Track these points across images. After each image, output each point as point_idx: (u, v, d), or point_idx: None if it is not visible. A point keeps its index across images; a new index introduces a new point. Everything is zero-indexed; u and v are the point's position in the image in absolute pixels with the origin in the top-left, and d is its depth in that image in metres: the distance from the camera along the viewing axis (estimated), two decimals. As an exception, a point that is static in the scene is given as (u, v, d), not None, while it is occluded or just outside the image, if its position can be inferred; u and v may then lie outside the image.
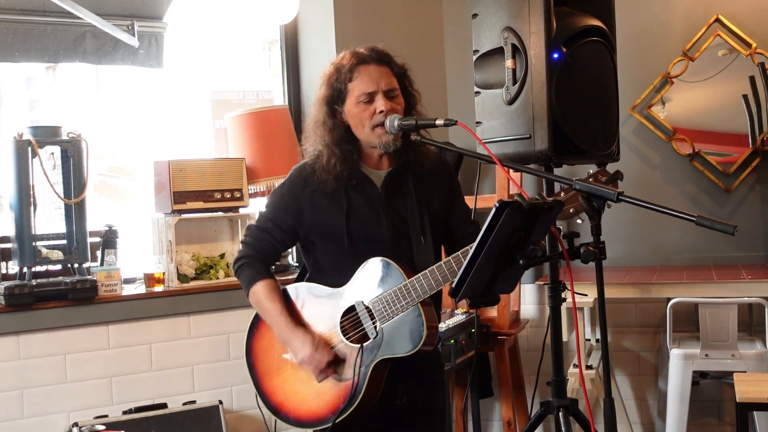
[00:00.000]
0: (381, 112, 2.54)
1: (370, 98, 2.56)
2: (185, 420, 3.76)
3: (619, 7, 3.34)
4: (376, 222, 2.59)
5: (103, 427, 1.78)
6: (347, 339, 2.56)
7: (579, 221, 2.60)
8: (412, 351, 2.50)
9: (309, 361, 2.53)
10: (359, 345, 2.53)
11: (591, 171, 2.56)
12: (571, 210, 2.60)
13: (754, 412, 3.47)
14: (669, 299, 3.72)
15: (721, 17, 4.25)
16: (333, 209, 2.61)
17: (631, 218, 4.34)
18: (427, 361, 2.76)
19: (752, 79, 4.18)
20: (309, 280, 2.70)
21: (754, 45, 4.19)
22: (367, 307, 2.54)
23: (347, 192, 2.60)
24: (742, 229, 2.32)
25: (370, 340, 2.53)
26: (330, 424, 2.51)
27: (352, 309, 2.56)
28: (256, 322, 2.74)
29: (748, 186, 4.28)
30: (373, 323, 2.53)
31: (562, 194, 2.61)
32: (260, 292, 2.61)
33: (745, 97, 4.21)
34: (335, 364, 2.56)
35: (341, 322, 2.57)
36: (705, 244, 4.32)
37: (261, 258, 2.68)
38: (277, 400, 2.65)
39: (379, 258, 2.54)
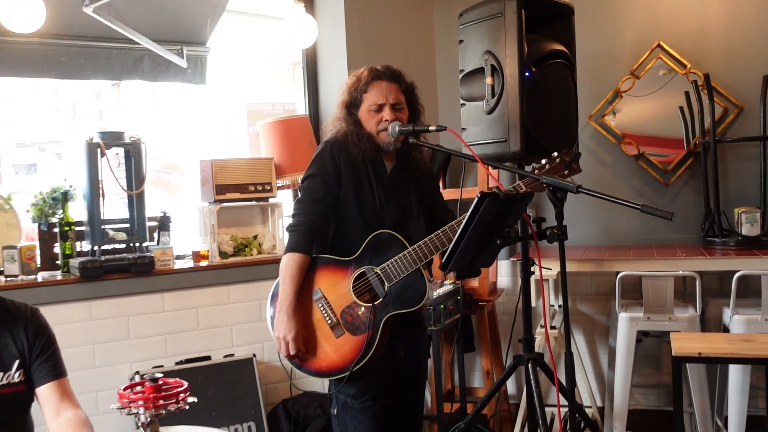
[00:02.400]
0: (386, 120, 2.56)
1: (380, 108, 2.58)
2: (225, 370, 3.78)
3: (579, 35, 3.34)
4: (385, 201, 2.61)
5: (161, 375, 1.78)
6: (360, 300, 2.56)
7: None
8: (419, 305, 2.53)
9: (281, 339, 2.53)
10: (371, 304, 2.54)
11: (556, 153, 2.58)
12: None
13: (687, 364, 3.48)
14: (618, 273, 3.73)
15: (662, 43, 4.25)
16: (360, 181, 2.61)
17: (588, 207, 4.35)
18: (417, 323, 2.80)
19: (687, 93, 4.17)
20: (324, 253, 2.68)
21: (688, 66, 4.18)
22: (376, 272, 2.55)
23: (370, 169, 2.61)
24: (678, 216, 2.34)
25: (380, 300, 2.54)
26: (348, 372, 2.51)
27: (363, 274, 2.57)
28: (274, 299, 2.70)
29: (683, 181, 4.28)
30: (382, 285, 2.54)
31: (523, 184, 2.62)
32: (292, 263, 2.56)
33: (681, 108, 4.21)
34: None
35: (354, 286, 2.58)
36: (648, 228, 4.33)
37: (314, 228, 2.60)
38: (301, 356, 2.61)
39: (385, 230, 2.56)
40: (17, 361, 2.22)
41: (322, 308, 2.59)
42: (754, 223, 3.86)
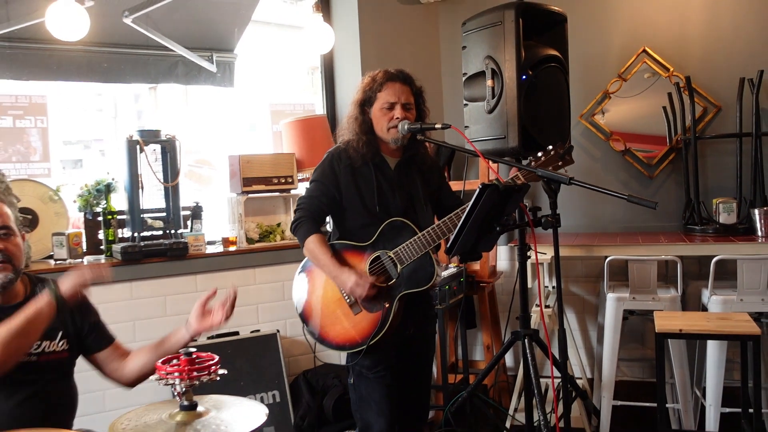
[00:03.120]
0: (397, 118, 2.55)
1: (391, 107, 2.58)
2: (252, 344, 3.79)
3: (571, 41, 3.32)
4: (391, 194, 2.61)
5: (194, 349, 1.80)
6: (375, 281, 2.56)
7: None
8: (428, 285, 2.54)
9: (356, 286, 2.50)
10: (386, 285, 2.54)
11: (551, 146, 2.57)
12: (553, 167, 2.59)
13: (668, 340, 3.47)
14: (606, 257, 3.72)
15: (647, 48, 4.21)
16: (361, 180, 2.61)
17: (579, 197, 4.33)
18: (426, 302, 2.79)
19: (670, 94, 4.14)
20: (339, 239, 2.69)
21: (671, 69, 4.15)
22: (389, 256, 2.55)
23: (372, 168, 2.61)
24: (661, 206, 2.33)
25: (394, 280, 2.55)
26: (366, 345, 2.53)
27: (377, 258, 2.57)
28: (301, 273, 2.72)
29: (666, 174, 4.25)
30: (395, 267, 2.54)
31: (542, 157, 2.60)
32: (313, 243, 2.58)
33: (664, 108, 4.17)
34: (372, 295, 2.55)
35: (369, 268, 2.58)
36: (633, 217, 4.30)
37: (313, 217, 2.63)
38: (323, 332, 2.63)
39: (396, 218, 2.56)
40: (60, 332, 2.24)
41: (341, 288, 2.60)
42: (731, 212, 3.84)
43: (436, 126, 2.55)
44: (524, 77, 3.08)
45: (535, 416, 3.38)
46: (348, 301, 2.58)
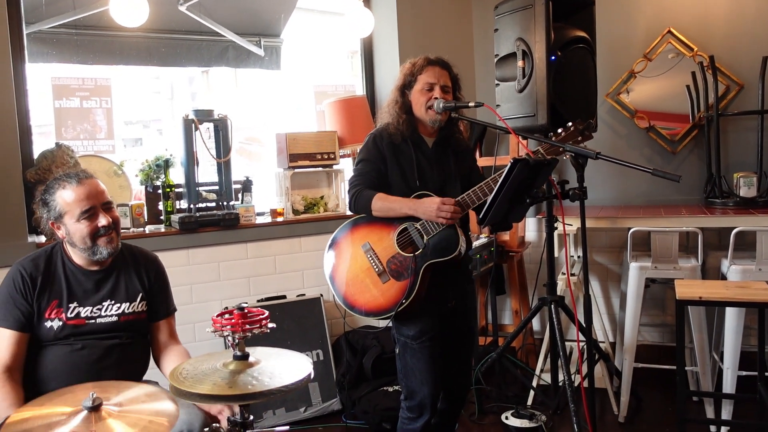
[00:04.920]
0: (435, 98, 2.54)
1: (431, 88, 2.56)
2: (297, 307, 3.84)
3: (599, 22, 3.27)
4: (429, 169, 2.60)
5: (246, 304, 1.84)
6: (403, 251, 2.56)
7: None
8: (452, 255, 2.51)
9: (440, 210, 2.44)
10: (413, 254, 2.55)
11: (571, 123, 2.53)
12: (577, 140, 2.55)
13: (688, 307, 3.42)
14: (629, 228, 3.67)
15: (672, 29, 4.10)
16: (402, 157, 2.60)
17: (606, 171, 4.27)
18: (465, 276, 2.78)
19: (693, 73, 4.04)
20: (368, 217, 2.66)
21: (695, 49, 4.04)
22: (416, 227, 2.54)
23: (411, 145, 2.60)
24: (683, 180, 2.29)
25: (420, 251, 2.54)
26: (394, 312, 2.52)
27: (405, 229, 2.56)
28: (329, 249, 2.70)
29: (688, 149, 4.17)
30: (422, 238, 2.54)
31: (563, 132, 2.56)
32: (379, 199, 2.54)
33: (687, 87, 4.07)
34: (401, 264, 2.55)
35: (397, 239, 2.58)
36: (656, 190, 4.24)
37: (368, 188, 2.58)
38: (353, 301, 2.61)
39: (424, 192, 2.55)
40: (140, 294, 2.31)
41: (370, 258, 2.59)
42: (751, 186, 3.75)
43: (470, 104, 2.53)
44: (553, 58, 3.04)
45: (560, 376, 3.39)
46: (376, 270, 2.57)
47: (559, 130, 2.55)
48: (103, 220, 2.18)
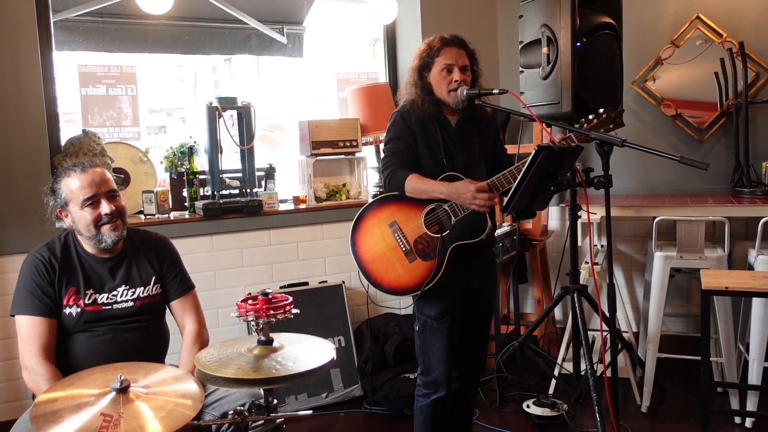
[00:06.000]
0: (456, 81, 2.52)
1: (450, 70, 2.54)
2: (319, 293, 3.87)
3: (625, 8, 3.22)
4: (454, 149, 2.59)
5: (270, 290, 1.85)
6: (430, 231, 2.56)
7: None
8: (480, 238, 2.50)
9: (474, 195, 2.41)
10: (440, 235, 2.55)
11: (602, 110, 2.49)
12: (602, 131, 2.52)
13: (714, 297, 3.38)
14: (654, 217, 3.63)
15: (700, 15, 4.03)
16: (429, 136, 2.58)
17: (631, 160, 4.22)
18: (489, 258, 2.78)
19: (722, 60, 3.96)
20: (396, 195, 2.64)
21: (724, 35, 3.96)
22: (444, 209, 2.54)
23: (436, 125, 2.59)
24: (710, 169, 2.26)
25: (447, 232, 2.53)
26: (420, 291, 2.52)
27: (433, 210, 2.56)
28: (356, 226, 2.70)
29: (715, 138, 4.10)
30: (450, 220, 2.54)
31: (594, 119, 2.52)
32: (412, 181, 2.52)
33: (716, 74, 4.01)
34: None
35: (425, 220, 2.58)
36: (682, 179, 4.18)
37: (402, 168, 2.56)
38: (378, 278, 2.61)
39: (453, 173, 2.53)
40: (153, 277, 2.34)
41: (397, 237, 2.59)
42: (780, 175, 3.69)
43: (494, 91, 2.51)
44: (579, 44, 3.00)
45: (582, 366, 3.37)
46: (403, 249, 2.57)
47: (590, 117, 2.52)
48: (106, 208, 2.21)
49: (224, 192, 3.68)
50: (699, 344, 3.00)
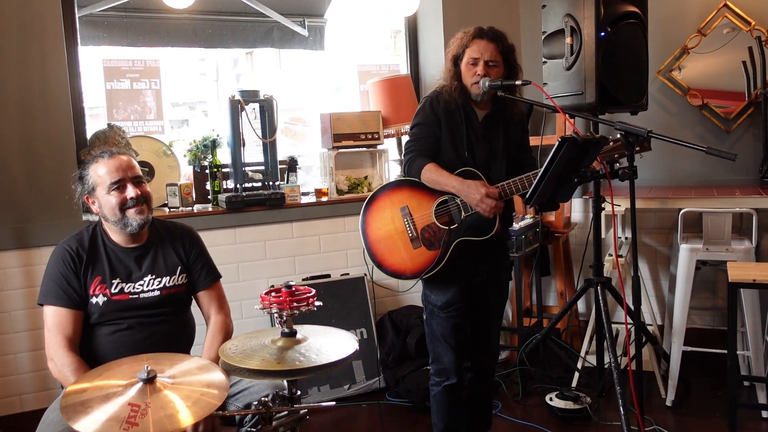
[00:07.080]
0: (477, 75, 2.52)
1: (476, 62, 2.54)
2: (341, 286, 3.89)
3: (651, -3, 3.17)
4: (477, 143, 2.59)
5: (293, 282, 1.87)
6: (439, 222, 2.57)
7: (618, 164, 2.53)
8: (486, 237, 2.53)
9: (482, 199, 2.44)
10: (448, 228, 2.56)
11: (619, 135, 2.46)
12: (615, 155, 2.54)
13: (741, 289, 3.34)
14: (680, 209, 3.59)
15: (728, 3, 3.95)
16: (453, 125, 2.58)
17: (655, 151, 4.13)
18: (501, 250, 2.78)
19: (750, 49, 3.89)
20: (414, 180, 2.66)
21: (753, 23, 3.89)
22: (457, 202, 2.55)
23: (462, 115, 2.59)
24: (737, 160, 2.22)
25: (456, 225, 2.55)
26: (418, 279, 2.57)
27: (445, 201, 2.57)
28: (368, 204, 2.72)
29: (743, 128, 4.03)
30: (460, 214, 2.54)
31: (611, 143, 2.53)
32: (430, 170, 2.53)
33: (744, 63, 3.94)
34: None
35: (436, 210, 2.58)
36: (708, 170, 4.12)
37: (423, 155, 2.57)
38: (381, 258, 2.66)
39: (472, 169, 2.53)
40: (179, 267, 2.37)
41: (406, 222, 2.61)
42: (810, 166, 3.62)
43: (516, 82, 2.50)
44: (603, 34, 2.97)
45: (605, 359, 3.35)
46: (410, 235, 2.60)
47: (611, 142, 2.52)
48: (131, 192, 2.25)
49: (247, 185, 3.70)
50: (725, 338, 2.96)
